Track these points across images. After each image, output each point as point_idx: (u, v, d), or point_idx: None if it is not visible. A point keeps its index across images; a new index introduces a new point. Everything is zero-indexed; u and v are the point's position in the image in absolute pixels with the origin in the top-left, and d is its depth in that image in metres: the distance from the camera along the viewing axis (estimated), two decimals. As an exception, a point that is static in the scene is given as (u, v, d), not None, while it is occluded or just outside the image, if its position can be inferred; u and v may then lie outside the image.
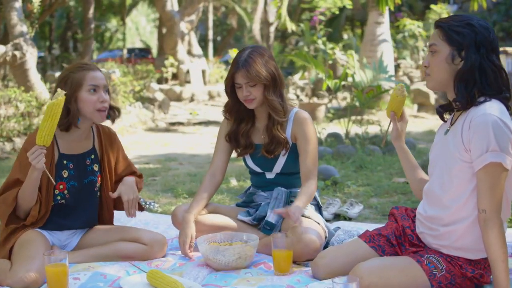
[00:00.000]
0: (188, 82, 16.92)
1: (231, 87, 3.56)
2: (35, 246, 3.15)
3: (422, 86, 13.44)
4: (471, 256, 2.79)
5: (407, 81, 14.40)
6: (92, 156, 3.40)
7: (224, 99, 17.16)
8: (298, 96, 13.94)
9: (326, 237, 3.52)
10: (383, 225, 3.24)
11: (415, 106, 13.09)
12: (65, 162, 3.31)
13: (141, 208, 3.52)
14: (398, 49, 16.32)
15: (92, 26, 15.27)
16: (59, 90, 3.03)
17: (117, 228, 3.53)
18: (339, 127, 9.72)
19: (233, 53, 21.02)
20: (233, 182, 5.85)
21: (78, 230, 3.46)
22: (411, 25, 16.65)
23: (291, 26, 12.97)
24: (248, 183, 5.79)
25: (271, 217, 3.55)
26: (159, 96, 13.48)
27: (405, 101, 3.14)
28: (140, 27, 47.26)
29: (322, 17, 14.24)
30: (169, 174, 6.42)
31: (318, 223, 3.51)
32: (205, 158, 7.93)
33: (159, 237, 3.45)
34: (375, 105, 11.46)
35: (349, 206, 4.59)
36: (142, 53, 30.86)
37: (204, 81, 17.61)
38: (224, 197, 5.24)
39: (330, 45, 12.82)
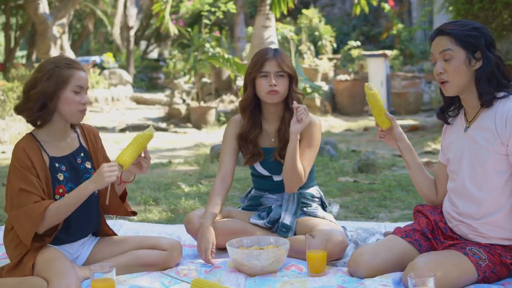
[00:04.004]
0: (63, 87, 16.21)
1: (252, 79, 3.53)
2: (63, 261, 2.97)
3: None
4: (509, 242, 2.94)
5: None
6: (82, 154, 3.23)
7: (102, 104, 16.80)
8: (184, 100, 13.82)
9: (343, 236, 3.57)
10: (409, 222, 3.33)
11: (302, 108, 13.36)
12: (57, 165, 3.11)
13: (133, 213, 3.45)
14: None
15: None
16: (151, 126, 3.11)
17: (131, 237, 3.41)
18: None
19: (107, 57, 20.58)
20: (185, 188, 5.73)
21: (85, 239, 3.28)
22: (283, 28, 17.08)
23: (173, 29, 12.86)
24: (200, 188, 5.72)
25: (286, 219, 3.55)
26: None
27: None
28: (-22, 31, 44.82)
29: (207, 21, 14.25)
30: (110, 182, 6.17)
31: (333, 223, 3.57)
32: (127, 164, 7.68)
33: (176, 242, 3.39)
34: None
35: (328, 206, 4.63)
36: (-11, 59, 29.31)
37: (80, 87, 16.95)
38: (183, 202, 5.14)
39: (218, 49, 12.89)
